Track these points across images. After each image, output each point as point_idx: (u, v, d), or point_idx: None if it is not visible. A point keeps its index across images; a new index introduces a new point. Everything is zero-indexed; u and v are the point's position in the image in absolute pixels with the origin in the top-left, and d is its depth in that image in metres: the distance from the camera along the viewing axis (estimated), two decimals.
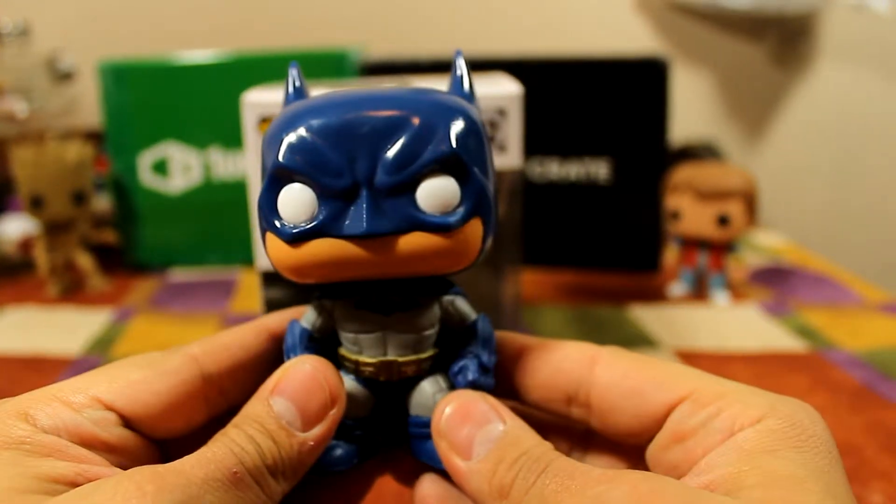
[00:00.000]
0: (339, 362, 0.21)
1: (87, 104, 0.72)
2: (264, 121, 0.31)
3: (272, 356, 0.22)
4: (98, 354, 0.47)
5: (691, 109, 0.94)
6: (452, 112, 0.19)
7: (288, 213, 0.19)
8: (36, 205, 0.55)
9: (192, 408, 0.20)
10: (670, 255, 0.61)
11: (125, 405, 0.19)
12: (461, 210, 0.19)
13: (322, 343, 0.21)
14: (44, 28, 0.75)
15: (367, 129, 0.18)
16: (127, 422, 0.19)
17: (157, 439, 0.20)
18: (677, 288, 0.56)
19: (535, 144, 0.57)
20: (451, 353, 0.21)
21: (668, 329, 0.49)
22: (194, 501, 0.16)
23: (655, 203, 0.58)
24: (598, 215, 0.59)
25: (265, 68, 0.60)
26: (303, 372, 0.20)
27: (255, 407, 0.19)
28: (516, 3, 0.91)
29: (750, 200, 0.52)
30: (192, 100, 0.61)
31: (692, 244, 0.55)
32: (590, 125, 0.58)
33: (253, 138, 0.31)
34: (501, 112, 0.31)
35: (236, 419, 0.19)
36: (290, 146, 0.19)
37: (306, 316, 0.21)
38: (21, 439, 0.17)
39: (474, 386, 0.20)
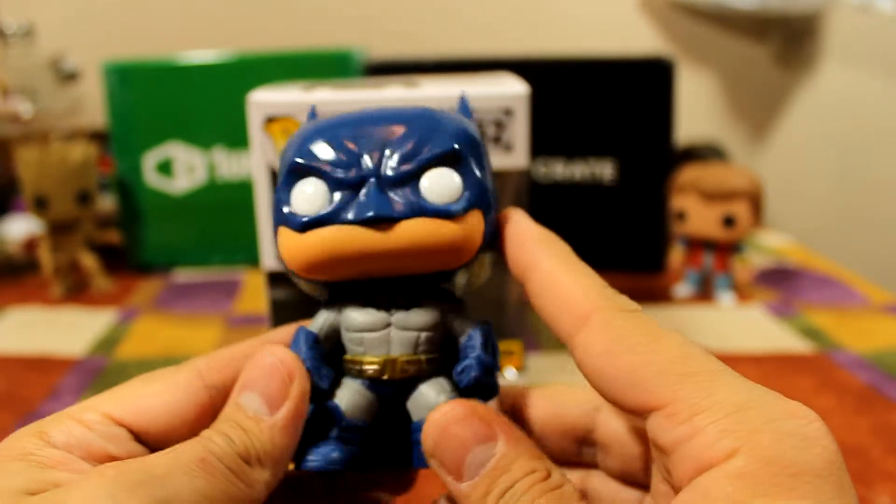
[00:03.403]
0: (343, 370, 0.21)
1: (91, 104, 0.72)
2: (270, 120, 0.31)
3: None
4: (102, 355, 0.47)
5: (696, 110, 0.94)
6: (454, 120, 0.21)
7: (301, 206, 0.20)
8: (40, 205, 0.55)
9: (199, 419, 0.21)
10: (675, 255, 0.60)
11: (134, 420, 0.20)
12: (463, 200, 0.20)
13: (328, 351, 0.22)
14: (48, 28, 0.75)
15: (377, 130, 0.20)
16: (137, 436, 0.20)
17: None
18: (682, 289, 0.56)
19: (540, 145, 0.57)
20: (454, 361, 0.22)
21: None
22: (157, 482, 0.16)
23: (660, 204, 0.58)
24: (602, 216, 0.59)
25: (269, 68, 0.60)
26: (261, 361, 0.20)
27: (228, 408, 0.20)
28: (521, 4, 0.91)
29: (755, 201, 0.52)
30: (196, 100, 0.61)
31: (697, 245, 0.55)
32: (595, 126, 0.58)
33: (258, 138, 0.31)
34: (508, 112, 0.31)
35: (215, 421, 0.20)
36: (306, 144, 0.21)
37: (314, 321, 0.22)
38: (30, 452, 0.18)
39: (478, 384, 0.21)
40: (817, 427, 0.16)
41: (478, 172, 0.21)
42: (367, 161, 0.20)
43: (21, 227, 0.63)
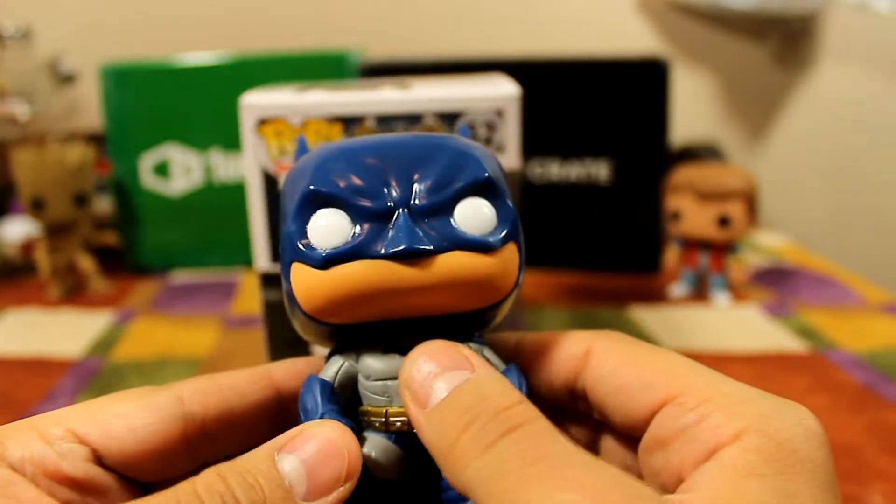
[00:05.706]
0: (361, 424, 0.19)
1: (88, 106, 0.73)
2: (262, 122, 0.31)
3: (271, 408, 0.21)
4: (99, 356, 0.47)
5: (693, 110, 0.94)
6: (480, 149, 0.20)
7: (319, 239, 0.18)
8: (37, 207, 0.55)
9: (171, 450, 0.19)
10: (671, 255, 0.61)
11: (97, 439, 0.18)
12: (499, 231, 0.19)
13: (344, 403, 0.20)
14: (45, 31, 0.75)
15: (402, 156, 0.19)
16: (100, 457, 0.18)
17: (139, 481, 0.19)
18: (678, 289, 0.56)
19: (535, 145, 0.57)
20: None
21: (669, 330, 0.49)
22: None
23: (656, 204, 0.58)
24: (598, 216, 0.59)
25: (266, 70, 0.60)
26: (324, 434, 0.17)
27: (255, 458, 0.17)
28: (516, 4, 0.91)
29: (750, 201, 0.52)
30: (192, 102, 0.61)
31: (693, 245, 0.55)
32: (590, 126, 0.58)
33: (251, 140, 0.31)
34: (499, 113, 0.31)
35: (224, 465, 0.16)
36: (323, 171, 0.18)
37: (326, 369, 0.20)
38: None
39: None
40: (816, 423, 0.16)
41: (509, 202, 0.19)
42: (394, 190, 0.18)
43: (18, 229, 0.63)
